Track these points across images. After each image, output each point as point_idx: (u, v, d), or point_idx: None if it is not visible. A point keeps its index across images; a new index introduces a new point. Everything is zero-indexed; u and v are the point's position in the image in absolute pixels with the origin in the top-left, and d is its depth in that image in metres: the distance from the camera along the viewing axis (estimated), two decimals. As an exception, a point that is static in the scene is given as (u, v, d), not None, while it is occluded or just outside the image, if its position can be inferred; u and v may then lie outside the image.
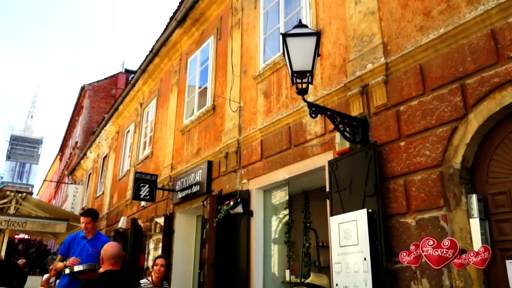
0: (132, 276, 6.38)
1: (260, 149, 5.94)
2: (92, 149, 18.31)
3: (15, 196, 9.73)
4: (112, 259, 3.18)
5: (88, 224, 4.74)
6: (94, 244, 4.65)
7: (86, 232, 4.76)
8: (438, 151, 3.48)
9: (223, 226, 6.07)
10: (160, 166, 9.67)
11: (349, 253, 3.87)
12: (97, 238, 4.78)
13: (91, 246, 4.66)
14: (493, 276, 3.06)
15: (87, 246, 4.68)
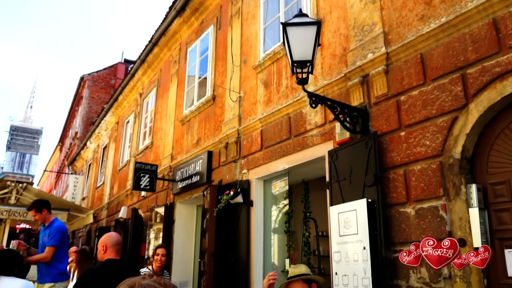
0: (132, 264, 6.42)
1: (260, 139, 5.94)
2: (92, 139, 18.31)
3: (16, 186, 9.74)
4: (116, 246, 3.20)
5: (35, 216, 4.94)
6: (46, 232, 4.90)
7: (39, 223, 5.11)
8: (438, 141, 3.48)
9: (223, 215, 6.10)
10: (160, 156, 9.68)
11: (348, 243, 3.90)
12: (49, 225, 4.95)
13: (44, 234, 4.92)
14: (491, 265, 3.08)
15: (42, 235, 4.98)
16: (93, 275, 3.14)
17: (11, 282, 2.97)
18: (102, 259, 3.24)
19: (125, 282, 1.12)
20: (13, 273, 3.06)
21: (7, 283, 2.94)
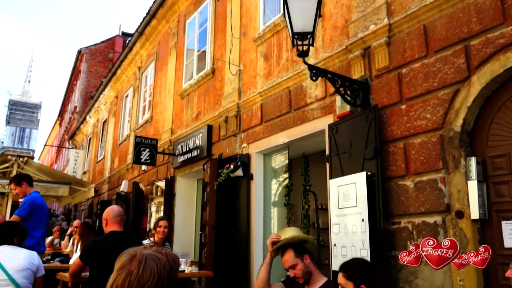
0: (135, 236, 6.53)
1: (260, 113, 5.92)
2: (91, 113, 18.26)
3: (17, 161, 9.77)
4: (117, 218, 3.25)
5: (15, 189, 4.95)
6: None
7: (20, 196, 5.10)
8: (439, 114, 3.46)
9: (223, 189, 6.15)
10: (160, 131, 9.67)
11: (347, 215, 3.94)
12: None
13: None
14: (488, 236, 3.13)
15: None
16: (96, 246, 3.19)
17: (15, 251, 3.02)
18: (106, 232, 3.30)
19: (127, 252, 1.13)
20: (13, 241, 3.10)
21: (10, 252, 2.99)
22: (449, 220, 3.28)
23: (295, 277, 2.63)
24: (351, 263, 2.16)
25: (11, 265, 2.90)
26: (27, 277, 2.95)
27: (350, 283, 2.04)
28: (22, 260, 2.97)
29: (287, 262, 2.63)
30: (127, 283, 1.05)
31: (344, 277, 2.08)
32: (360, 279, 2.02)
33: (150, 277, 1.07)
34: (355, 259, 2.28)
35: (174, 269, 1.14)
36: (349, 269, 2.09)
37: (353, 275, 2.05)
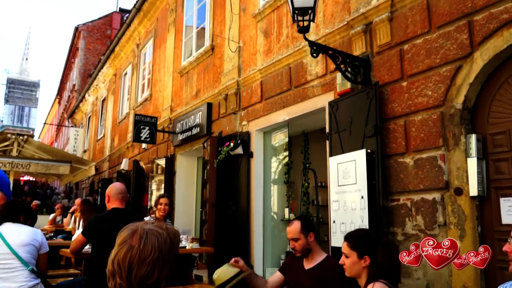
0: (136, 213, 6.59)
1: (260, 90, 5.88)
2: (90, 92, 18.14)
3: (17, 139, 9.78)
4: (119, 195, 3.27)
5: None
6: None
7: None
8: (441, 91, 3.43)
9: (223, 167, 6.17)
10: (159, 109, 9.64)
11: (347, 192, 3.97)
12: None
13: None
14: (486, 213, 3.16)
15: None
16: (98, 223, 3.23)
17: (18, 228, 3.06)
18: (108, 209, 3.33)
19: (128, 227, 1.14)
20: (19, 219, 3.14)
21: (14, 228, 3.03)
22: (447, 197, 3.31)
23: (294, 249, 2.65)
24: (356, 234, 2.15)
25: (14, 240, 2.95)
26: (29, 251, 3.00)
27: (353, 253, 2.04)
28: (25, 236, 3.02)
29: (290, 234, 2.65)
30: (128, 257, 1.07)
31: (348, 247, 2.08)
32: (364, 250, 2.03)
33: (151, 251, 1.08)
34: (361, 229, 2.27)
35: (174, 244, 1.15)
36: (353, 239, 2.09)
37: (357, 245, 2.05)
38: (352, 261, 2.05)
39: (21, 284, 2.88)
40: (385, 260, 1.97)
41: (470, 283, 3.07)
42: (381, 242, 2.05)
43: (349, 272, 2.08)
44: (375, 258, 1.99)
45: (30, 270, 2.95)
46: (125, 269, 1.06)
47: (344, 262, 2.10)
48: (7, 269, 2.87)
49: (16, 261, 2.92)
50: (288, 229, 2.68)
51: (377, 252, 1.99)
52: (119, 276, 1.07)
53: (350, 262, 2.06)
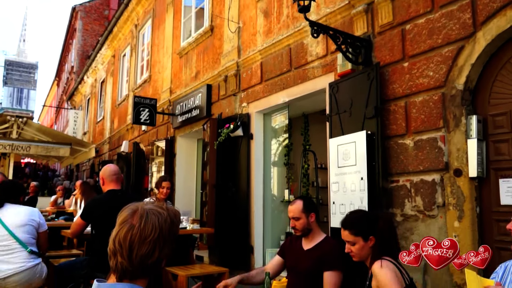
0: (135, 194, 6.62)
1: (260, 71, 5.83)
2: (89, 73, 18.01)
3: (16, 121, 9.75)
4: (113, 176, 3.28)
5: None
6: None
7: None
8: (442, 72, 3.40)
9: (223, 149, 6.18)
10: (159, 90, 9.58)
11: (346, 173, 3.98)
12: None
13: None
14: (485, 194, 3.18)
15: None
16: (95, 205, 3.25)
17: (16, 208, 3.07)
18: (104, 191, 3.34)
19: (129, 207, 1.15)
20: (18, 201, 3.15)
21: (11, 209, 3.04)
22: (447, 178, 3.32)
23: (294, 228, 2.67)
24: (354, 219, 2.12)
25: (11, 221, 2.96)
26: (28, 232, 3.01)
27: (359, 238, 2.03)
28: (23, 216, 3.02)
29: (292, 213, 2.66)
30: (129, 237, 1.07)
31: (352, 234, 2.05)
32: (368, 232, 2.02)
33: (151, 230, 1.09)
34: (354, 212, 2.22)
35: (175, 224, 1.16)
36: (354, 226, 2.06)
37: (360, 230, 2.04)
38: (360, 246, 2.04)
39: (20, 265, 2.90)
40: (386, 234, 1.99)
41: (467, 262, 3.10)
42: (378, 218, 2.06)
43: (358, 257, 2.07)
44: (378, 235, 2.00)
45: (29, 252, 2.97)
46: (126, 248, 1.07)
47: (351, 250, 2.07)
48: (5, 250, 2.88)
49: (14, 243, 2.93)
50: (290, 208, 2.69)
51: (378, 228, 2.00)
52: (120, 255, 1.08)
53: (358, 248, 2.04)
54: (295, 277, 2.53)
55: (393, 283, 1.78)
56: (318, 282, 2.49)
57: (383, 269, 1.84)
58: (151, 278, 1.16)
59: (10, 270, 2.85)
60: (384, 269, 1.84)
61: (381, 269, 1.85)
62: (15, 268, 2.87)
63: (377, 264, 1.89)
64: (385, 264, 1.87)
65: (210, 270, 4.00)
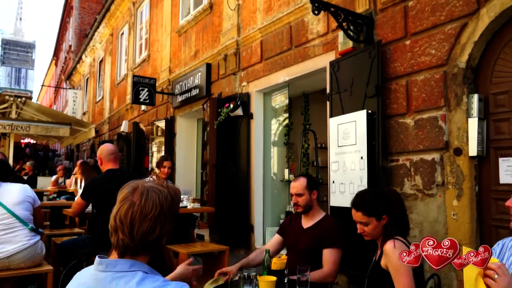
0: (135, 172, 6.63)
1: (260, 50, 5.76)
2: (87, 53, 17.81)
3: (15, 101, 9.69)
4: (111, 156, 3.27)
5: None
6: None
7: None
8: (444, 50, 3.36)
9: (223, 128, 6.17)
10: (158, 70, 9.50)
11: (346, 153, 3.98)
12: None
13: None
14: (484, 172, 3.18)
15: None
16: (95, 185, 3.26)
17: (8, 186, 3.06)
18: (103, 171, 3.35)
19: (129, 184, 1.15)
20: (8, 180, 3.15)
21: (4, 188, 3.04)
22: (447, 157, 3.32)
23: (296, 204, 2.69)
24: (366, 199, 2.06)
25: (8, 199, 2.96)
26: (26, 208, 3.03)
27: (372, 219, 2.00)
28: (18, 194, 3.03)
29: (295, 189, 2.68)
30: (130, 214, 1.08)
31: (364, 216, 2.01)
32: (380, 211, 2.00)
33: (152, 208, 1.09)
34: (364, 193, 2.15)
35: (175, 201, 1.16)
36: (366, 206, 2.02)
37: (372, 211, 2.00)
38: (374, 226, 2.01)
39: (23, 243, 2.92)
40: (398, 210, 1.98)
41: (465, 240, 3.14)
42: (390, 194, 2.04)
43: (371, 237, 2.05)
44: (390, 213, 1.99)
45: (30, 229, 2.99)
46: (127, 225, 1.08)
47: (363, 230, 2.05)
48: (6, 229, 2.90)
49: (14, 221, 2.94)
50: (293, 184, 2.71)
51: (390, 206, 1.98)
52: (121, 232, 1.09)
53: (372, 228, 2.02)
54: (295, 255, 2.56)
55: (405, 266, 1.75)
56: (317, 259, 2.52)
57: (397, 250, 1.81)
58: (152, 254, 1.17)
59: (13, 249, 2.87)
60: (397, 251, 1.80)
61: (394, 250, 1.83)
62: (18, 246, 2.90)
63: (390, 244, 1.87)
64: (398, 245, 1.85)
65: (211, 248, 4.05)
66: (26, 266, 2.97)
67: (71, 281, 1.18)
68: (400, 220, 1.98)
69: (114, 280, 1.07)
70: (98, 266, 1.11)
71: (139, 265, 1.10)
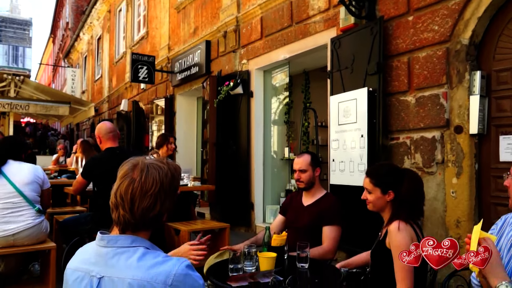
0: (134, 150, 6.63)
1: (260, 27, 5.67)
2: (84, 30, 17.55)
3: (13, 79, 9.61)
4: (109, 134, 3.26)
5: None
6: None
7: None
8: (448, 26, 3.30)
9: (223, 107, 6.14)
10: (157, 47, 9.38)
11: (347, 131, 3.97)
12: None
13: None
14: (484, 150, 3.18)
15: None
16: (95, 164, 3.26)
17: (19, 165, 3.08)
18: (102, 149, 3.34)
19: (129, 161, 1.14)
20: (20, 158, 3.15)
21: (15, 166, 3.05)
22: (447, 135, 3.31)
23: (298, 180, 2.70)
24: (380, 170, 2.10)
25: (18, 179, 2.98)
26: (34, 189, 3.05)
27: (377, 189, 2.03)
28: (28, 174, 3.04)
29: (299, 165, 2.69)
30: (130, 190, 1.08)
31: (371, 183, 2.05)
32: (388, 185, 2.01)
33: (152, 184, 1.09)
34: (383, 165, 2.21)
35: (175, 178, 1.16)
36: (377, 176, 2.05)
37: (381, 182, 2.03)
38: (376, 196, 2.04)
39: (28, 222, 2.96)
40: (409, 193, 1.95)
41: (464, 218, 3.17)
42: (406, 175, 2.02)
43: (372, 206, 2.07)
44: (399, 192, 1.98)
45: (36, 210, 3.01)
46: (127, 201, 1.08)
47: (366, 197, 2.08)
48: (13, 208, 2.92)
49: (22, 200, 2.96)
50: (298, 160, 2.72)
51: (402, 186, 1.97)
52: (122, 208, 1.09)
53: (374, 198, 2.05)
54: (295, 232, 2.59)
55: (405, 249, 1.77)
56: (317, 236, 2.55)
57: (400, 232, 1.82)
58: (153, 231, 1.18)
59: (18, 228, 2.90)
60: (401, 233, 1.82)
61: (398, 232, 1.83)
62: (24, 225, 2.93)
63: (395, 225, 1.86)
64: (402, 227, 1.85)
65: (212, 225, 4.09)
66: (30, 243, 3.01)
67: (73, 257, 1.19)
68: (411, 203, 1.94)
69: (115, 256, 1.08)
70: (100, 241, 1.12)
71: (140, 241, 1.11)
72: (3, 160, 3.02)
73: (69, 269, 1.16)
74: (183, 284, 1.03)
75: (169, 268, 1.03)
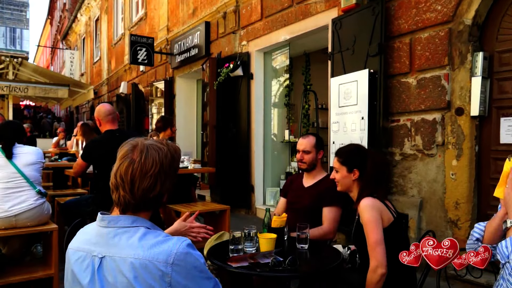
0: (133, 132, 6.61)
1: (260, 7, 5.59)
2: (82, 11, 17.32)
3: (11, 62, 9.54)
4: (109, 116, 3.24)
5: None
6: None
7: None
8: (451, 6, 3.25)
9: (223, 89, 6.10)
10: (155, 29, 9.27)
11: (347, 113, 3.96)
12: None
13: None
14: (485, 132, 3.18)
15: None
16: (95, 146, 3.26)
17: (23, 148, 3.09)
18: (102, 132, 3.33)
19: (128, 142, 1.14)
20: (22, 141, 3.16)
21: (19, 149, 3.06)
22: (448, 117, 3.30)
23: (301, 161, 2.71)
24: (346, 149, 2.20)
25: (20, 160, 3.00)
26: (36, 170, 3.07)
27: (343, 168, 2.11)
28: (30, 156, 3.06)
29: (303, 145, 2.72)
30: (130, 171, 1.08)
31: (338, 162, 2.14)
32: (354, 164, 2.09)
33: (152, 165, 1.09)
34: (351, 144, 2.30)
35: (175, 159, 1.16)
36: (343, 154, 2.15)
37: (346, 160, 2.11)
38: (342, 175, 2.12)
39: (30, 202, 2.97)
40: (373, 172, 2.03)
41: (462, 199, 3.18)
42: (370, 155, 2.10)
43: (340, 186, 2.16)
44: (364, 171, 2.05)
45: (37, 191, 3.03)
46: (127, 182, 1.08)
47: (335, 177, 2.17)
48: (15, 188, 2.94)
49: (23, 182, 2.98)
50: (302, 141, 2.74)
51: (366, 165, 2.04)
52: (122, 189, 1.09)
53: (340, 176, 2.13)
54: (295, 213, 2.60)
55: (374, 223, 1.85)
56: (317, 218, 2.56)
57: (367, 207, 1.90)
58: (154, 211, 1.18)
59: (20, 208, 2.92)
60: (367, 208, 1.90)
61: (365, 206, 1.91)
62: (25, 206, 2.95)
63: (362, 201, 1.95)
64: (370, 202, 1.92)
65: (212, 207, 4.11)
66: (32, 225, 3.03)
67: (74, 237, 1.20)
68: (375, 182, 2.01)
69: (117, 236, 1.08)
70: (101, 222, 1.13)
71: (141, 221, 1.11)
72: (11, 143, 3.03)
73: (70, 250, 1.17)
74: (184, 263, 1.04)
75: (170, 247, 1.04)
